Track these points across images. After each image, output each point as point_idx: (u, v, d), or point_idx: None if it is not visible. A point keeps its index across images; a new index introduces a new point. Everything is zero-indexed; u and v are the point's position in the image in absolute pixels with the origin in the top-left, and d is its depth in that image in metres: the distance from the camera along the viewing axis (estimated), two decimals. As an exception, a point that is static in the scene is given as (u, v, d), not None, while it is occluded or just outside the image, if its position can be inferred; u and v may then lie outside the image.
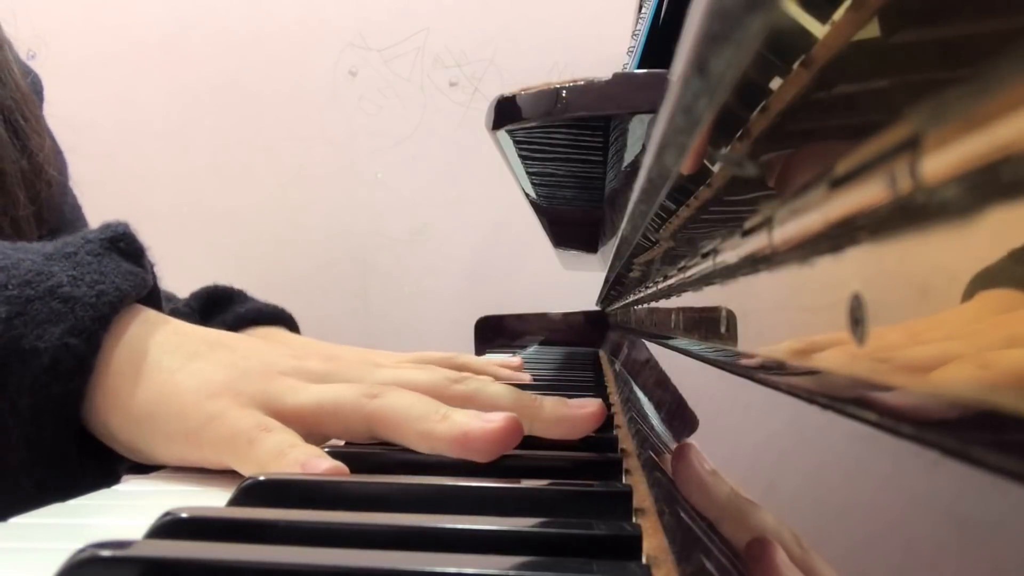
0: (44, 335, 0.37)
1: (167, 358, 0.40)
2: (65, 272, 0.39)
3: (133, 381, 0.39)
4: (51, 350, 0.37)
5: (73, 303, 0.38)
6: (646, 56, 0.59)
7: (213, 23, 1.73)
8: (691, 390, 0.40)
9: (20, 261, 0.39)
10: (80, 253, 0.40)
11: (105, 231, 0.42)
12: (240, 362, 0.40)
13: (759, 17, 0.15)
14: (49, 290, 0.38)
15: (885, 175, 0.14)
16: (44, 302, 0.37)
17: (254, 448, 0.36)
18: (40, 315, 0.37)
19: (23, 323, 0.37)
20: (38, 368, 0.37)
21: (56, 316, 0.37)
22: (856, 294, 0.15)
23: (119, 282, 0.40)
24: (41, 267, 0.39)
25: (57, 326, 0.37)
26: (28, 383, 0.36)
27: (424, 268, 1.70)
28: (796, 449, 0.21)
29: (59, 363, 0.37)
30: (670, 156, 0.27)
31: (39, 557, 0.26)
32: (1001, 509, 0.11)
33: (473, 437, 0.35)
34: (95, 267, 0.40)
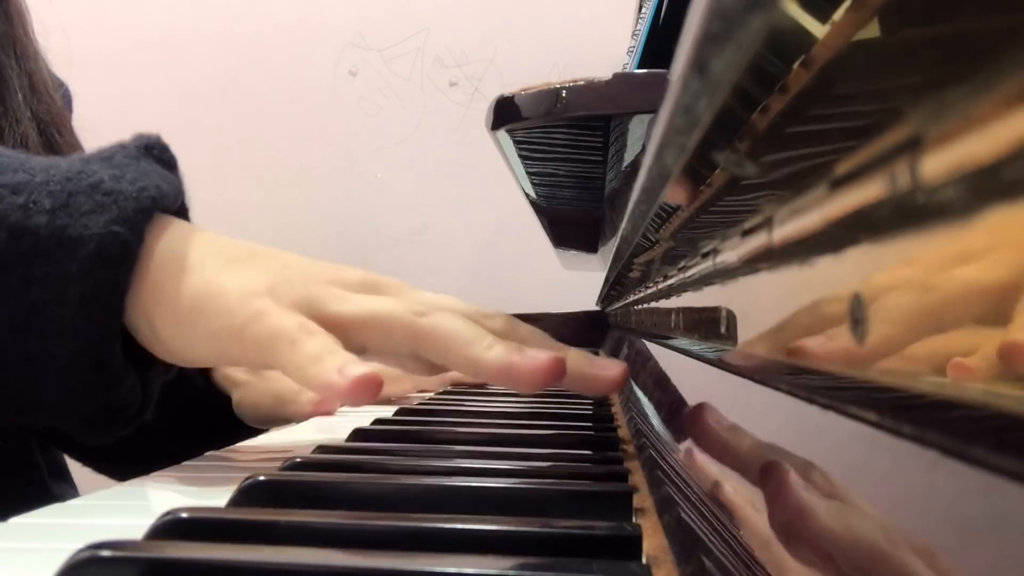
0: (90, 224, 0.37)
1: (210, 259, 0.40)
2: (105, 170, 0.39)
3: (177, 277, 0.39)
4: (96, 237, 0.37)
5: (116, 195, 0.38)
6: (646, 56, 0.59)
7: (213, 23, 1.73)
8: (691, 390, 0.40)
9: (58, 163, 0.39)
10: (117, 156, 0.40)
11: (140, 140, 0.43)
12: (282, 269, 0.41)
13: (759, 17, 0.15)
14: (91, 185, 0.38)
15: (885, 175, 0.14)
16: (87, 195, 0.37)
17: (295, 349, 0.36)
18: (84, 206, 0.37)
19: (67, 214, 0.37)
20: (84, 256, 0.37)
21: (100, 207, 0.37)
22: (856, 294, 0.15)
23: (159, 181, 0.40)
24: (81, 167, 0.39)
25: (102, 216, 0.37)
26: (75, 271, 0.37)
27: (424, 268, 1.70)
28: (796, 449, 0.21)
29: (105, 249, 0.37)
30: (670, 156, 0.27)
31: (39, 557, 0.26)
32: (1001, 509, 0.11)
33: (518, 369, 0.36)
34: (134, 167, 0.40)
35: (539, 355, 0.37)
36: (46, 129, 0.63)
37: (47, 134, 0.63)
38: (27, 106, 0.62)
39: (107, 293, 0.37)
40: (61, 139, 0.64)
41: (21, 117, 0.61)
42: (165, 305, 0.39)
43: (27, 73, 0.63)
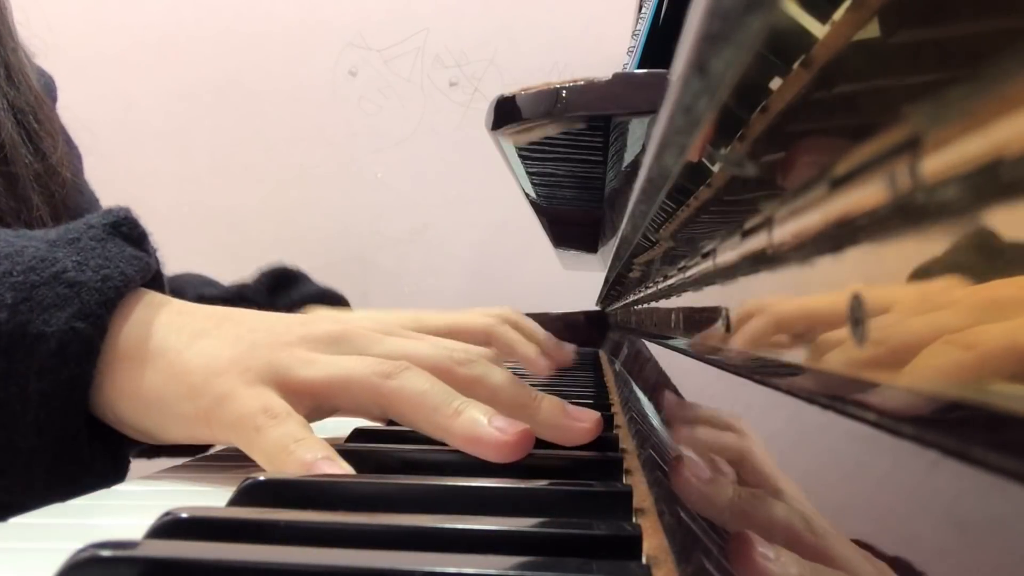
0: (51, 320, 0.37)
1: (173, 338, 0.40)
2: (69, 258, 0.39)
3: (141, 364, 0.39)
4: (58, 334, 0.36)
5: (79, 288, 0.38)
6: (646, 56, 0.58)
7: (213, 23, 1.73)
8: (691, 390, 0.40)
9: (24, 248, 0.39)
10: (83, 239, 0.40)
11: (107, 216, 0.42)
12: (246, 335, 0.40)
13: (759, 17, 0.15)
14: (54, 275, 0.37)
15: (885, 175, 0.14)
16: (50, 287, 0.37)
17: (260, 436, 0.36)
18: (46, 300, 0.37)
19: (29, 308, 0.37)
20: (45, 352, 0.36)
21: (62, 301, 0.37)
22: (856, 294, 0.15)
23: (124, 267, 0.40)
24: (45, 253, 0.38)
25: (63, 311, 0.37)
26: (36, 368, 0.36)
27: (424, 268, 1.70)
28: (796, 449, 0.21)
29: (66, 347, 0.37)
30: (670, 156, 0.27)
31: (39, 557, 0.26)
32: (1001, 509, 0.11)
33: (485, 442, 0.36)
34: (99, 252, 0.40)
35: (507, 428, 0.35)
36: (23, 118, 0.62)
37: (24, 123, 0.62)
38: (3, 96, 0.62)
39: (69, 390, 0.37)
40: (40, 127, 0.63)
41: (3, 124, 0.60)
42: (129, 394, 0.39)
43: (4, 64, 0.63)
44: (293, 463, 0.34)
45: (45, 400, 0.37)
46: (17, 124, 0.61)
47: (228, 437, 0.38)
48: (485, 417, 0.36)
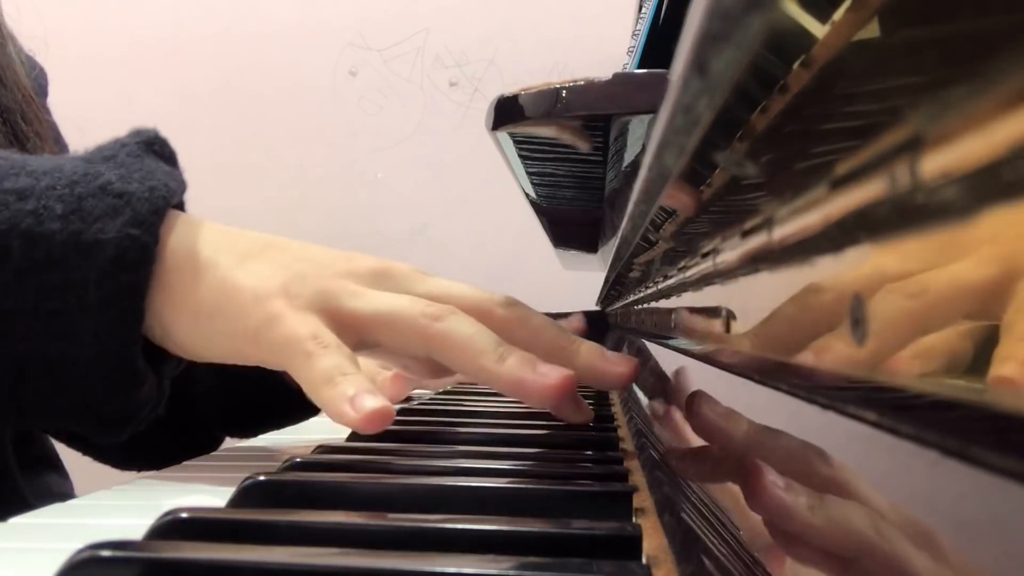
0: (106, 228, 0.36)
1: (223, 255, 0.40)
2: (112, 171, 0.38)
3: (192, 277, 0.39)
4: (115, 240, 0.36)
5: (128, 197, 0.37)
6: (646, 56, 0.58)
7: (213, 23, 1.73)
8: (691, 390, 0.40)
9: (61, 165, 0.38)
10: (120, 155, 0.40)
11: (139, 135, 0.42)
12: (293, 263, 0.40)
13: (759, 17, 0.15)
14: (100, 187, 0.37)
15: (885, 175, 0.14)
16: (98, 198, 0.37)
17: (309, 364, 0.36)
18: (97, 210, 0.36)
19: (80, 219, 0.36)
20: (103, 260, 0.36)
21: (113, 210, 0.37)
22: (856, 294, 0.15)
23: (166, 179, 0.39)
24: (86, 168, 0.38)
25: (115, 219, 0.36)
26: (94, 275, 0.36)
27: (424, 268, 1.70)
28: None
29: (124, 253, 0.36)
30: (670, 156, 0.27)
31: (39, 557, 0.26)
32: (1001, 509, 0.11)
33: (529, 385, 0.36)
34: (139, 166, 0.39)
35: (551, 373, 0.36)
36: (10, 117, 0.61)
37: (11, 123, 0.61)
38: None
39: (129, 297, 0.37)
40: (28, 128, 0.63)
41: None
42: (180, 306, 0.38)
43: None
44: (337, 395, 0.35)
45: (105, 307, 0.36)
46: (3, 123, 0.60)
47: (275, 358, 0.38)
48: (529, 363, 0.37)
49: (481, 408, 0.57)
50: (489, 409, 0.57)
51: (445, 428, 0.48)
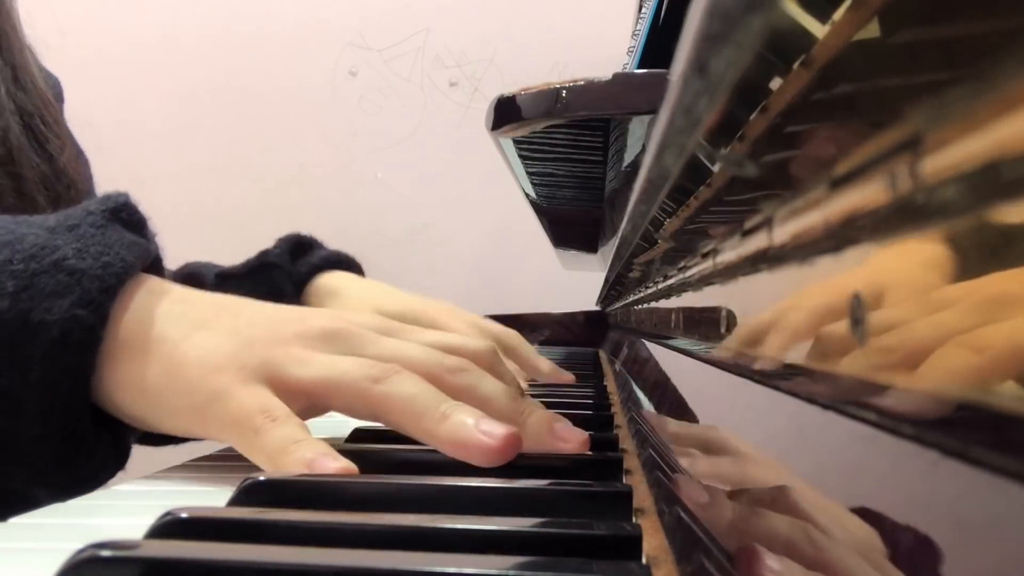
0: (52, 308, 0.36)
1: (172, 328, 0.40)
2: (69, 245, 0.38)
3: (141, 353, 0.39)
4: (60, 322, 0.36)
5: (80, 275, 0.37)
6: (646, 56, 0.59)
7: (213, 23, 1.73)
8: (691, 390, 0.40)
9: (24, 236, 0.38)
10: (83, 225, 0.40)
11: (106, 202, 0.42)
12: (244, 329, 0.40)
13: (759, 17, 0.15)
14: (55, 263, 0.37)
15: (885, 175, 0.14)
16: (50, 275, 0.37)
17: (260, 438, 0.36)
18: (47, 288, 0.37)
19: (30, 296, 0.36)
20: (47, 341, 0.36)
21: (63, 288, 0.37)
22: (856, 294, 0.15)
23: (124, 253, 0.39)
24: (45, 240, 0.38)
25: (65, 298, 0.37)
26: (39, 356, 0.36)
27: (424, 268, 1.70)
28: (796, 449, 0.21)
29: (68, 335, 0.36)
30: (670, 156, 0.27)
31: (39, 557, 0.26)
32: (1001, 509, 0.11)
33: (471, 446, 0.35)
34: (99, 239, 0.39)
35: (494, 431, 0.35)
36: (30, 120, 0.62)
37: (31, 126, 0.62)
38: (10, 98, 0.61)
39: (72, 378, 0.37)
40: (47, 130, 0.63)
41: (2, 109, 0.60)
42: (128, 384, 0.39)
43: (11, 66, 0.63)
44: (294, 463, 0.34)
45: (48, 389, 0.36)
46: (24, 126, 0.61)
47: (224, 436, 0.38)
48: (472, 420, 0.36)
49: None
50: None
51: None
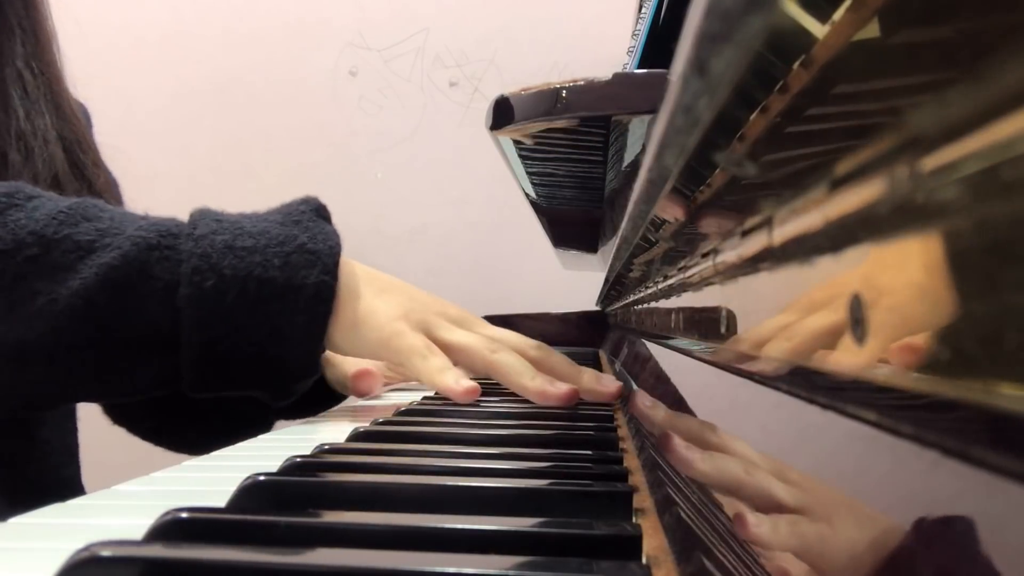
0: (308, 276, 0.55)
1: (365, 288, 0.60)
2: (303, 234, 0.56)
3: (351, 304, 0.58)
4: (314, 284, 0.55)
5: (319, 254, 0.56)
6: (646, 56, 0.58)
7: (213, 23, 1.73)
8: (691, 390, 0.40)
9: (267, 229, 0.56)
10: (304, 220, 0.58)
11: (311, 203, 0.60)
12: (408, 301, 0.61)
13: (759, 17, 0.15)
14: (299, 247, 0.55)
15: (884, 175, 0.14)
16: (299, 255, 0.55)
17: (426, 362, 0.58)
18: (300, 263, 0.55)
19: (291, 269, 0.55)
20: (307, 297, 0.55)
21: (310, 263, 0.55)
22: (856, 294, 0.15)
23: (334, 238, 0.58)
24: (287, 232, 0.56)
25: (312, 269, 0.55)
26: (302, 306, 0.55)
27: (424, 268, 1.70)
28: (796, 449, 0.21)
29: (320, 292, 0.55)
30: (670, 156, 0.27)
31: (39, 557, 0.26)
32: (1001, 509, 0.11)
33: (548, 395, 0.56)
34: (318, 229, 0.58)
35: (562, 387, 0.56)
36: (70, 147, 0.72)
37: (71, 152, 0.72)
38: (53, 128, 0.71)
39: (323, 318, 0.56)
40: (84, 157, 0.73)
41: (49, 138, 0.70)
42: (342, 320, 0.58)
43: (53, 95, 0.73)
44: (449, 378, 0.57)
45: (308, 324, 0.55)
46: (65, 153, 0.71)
47: (398, 358, 0.59)
48: (549, 381, 0.57)
49: (481, 408, 0.57)
50: (489, 409, 0.57)
51: (445, 428, 0.48)
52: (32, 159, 0.69)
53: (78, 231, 0.51)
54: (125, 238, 0.51)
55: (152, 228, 0.53)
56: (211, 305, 0.52)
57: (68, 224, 0.51)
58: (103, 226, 0.52)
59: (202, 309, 0.52)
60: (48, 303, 0.49)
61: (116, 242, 0.51)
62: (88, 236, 0.51)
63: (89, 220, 0.51)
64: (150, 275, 0.51)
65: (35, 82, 0.72)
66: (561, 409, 0.56)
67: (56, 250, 0.50)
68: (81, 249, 0.50)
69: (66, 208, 0.51)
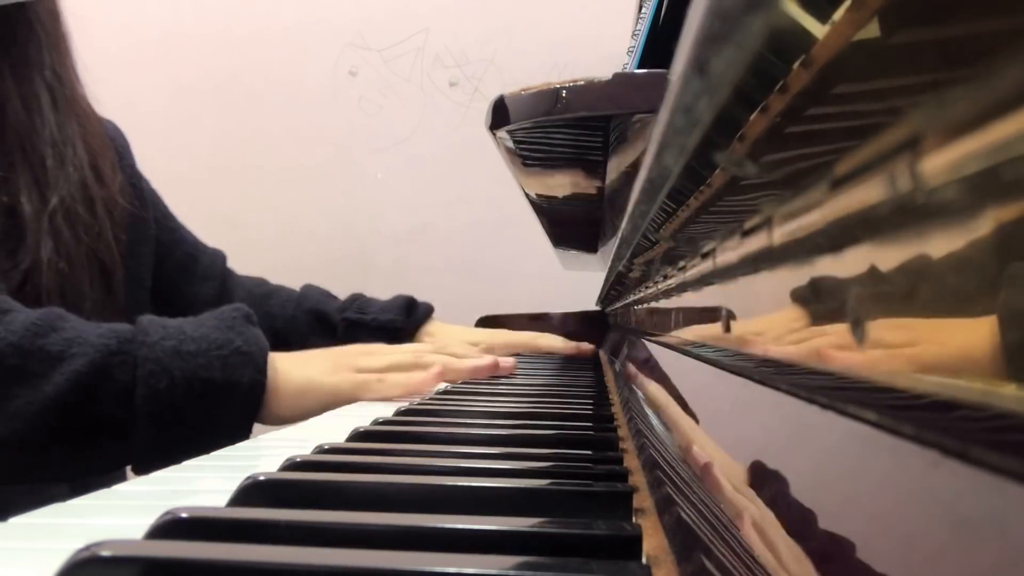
0: (243, 375, 0.64)
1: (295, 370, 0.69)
2: (239, 337, 0.66)
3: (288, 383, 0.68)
4: (247, 384, 0.64)
5: (251, 356, 0.65)
6: (646, 56, 0.59)
7: (213, 23, 1.73)
8: (691, 390, 0.40)
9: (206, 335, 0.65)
10: (236, 326, 0.67)
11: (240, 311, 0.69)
12: (332, 357, 0.74)
13: (759, 17, 0.15)
14: (235, 350, 0.65)
15: (884, 175, 0.14)
16: (235, 356, 0.64)
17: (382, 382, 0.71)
18: (236, 364, 0.64)
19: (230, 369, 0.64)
20: (241, 392, 0.64)
21: (244, 364, 0.65)
22: (856, 294, 0.15)
23: (262, 341, 0.68)
24: (223, 336, 0.65)
25: (246, 369, 0.65)
26: (239, 401, 0.64)
27: (424, 268, 1.70)
28: (796, 449, 0.21)
29: (252, 388, 0.65)
30: (670, 156, 0.27)
31: (39, 557, 0.26)
32: (1001, 509, 0.11)
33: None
34: (250, 332, 0.67)
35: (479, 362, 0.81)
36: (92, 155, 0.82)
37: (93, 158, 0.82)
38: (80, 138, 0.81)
39: (255, 409, 0.65)
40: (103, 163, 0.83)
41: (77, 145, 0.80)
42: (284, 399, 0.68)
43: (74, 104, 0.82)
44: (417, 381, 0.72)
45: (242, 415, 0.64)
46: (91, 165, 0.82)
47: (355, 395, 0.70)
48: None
49: (481, 408, 0.57)
50: (489, 409, 0.57)
51: (445, 428, 0.48)
52: (65, 165, 0.78)
53: (48, 342, 0.60)
54: (89, 345, 0.60)
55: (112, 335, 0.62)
56: (163, 402, 0.61)
57: (40, 336, 0.60)
58: (69, 335, 0.61)
59: (157, 405, 0.61)
60: (25, 404, 0.58)
61: (82, 350, 0.60)
62: (57, 346, 0.60)
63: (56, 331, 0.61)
64: (111, 376, 0.60)
65: (61, 90, 0.80)
66: (561, 409, 0.56)
67: (32, 360, 0.59)
68: (52, 358, 0.59)
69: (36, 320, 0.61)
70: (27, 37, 0.79)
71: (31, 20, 0.80)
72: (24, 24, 0.79)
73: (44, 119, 0.78)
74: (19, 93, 0.78)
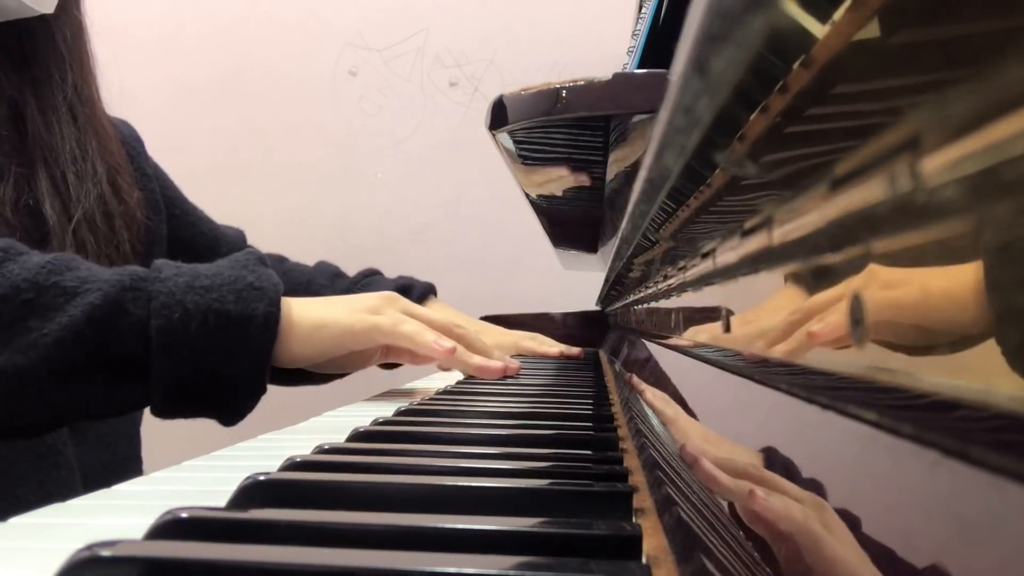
0: (257, 308, 0.64)
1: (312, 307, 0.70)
2: (251, 275, 0.66)
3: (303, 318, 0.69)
4: (262, 315, 0.64)
5: (264, 290, 0.65)
6: (646, 56, 0.59)
7: (213, 23, 1.73)
8: (691, 390, 0.40)
9: (219, 272, 0.65)
10: (249, 265, 0.67)
11: (254, 253, 0.69)
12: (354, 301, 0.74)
13: (759, 17, 0.15)
14: (248, 284, 0.65)
15: (885, 175, 0.14)
16: (248, 291, 0.64)
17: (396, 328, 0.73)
18: (249, 297, 0.64)
19: (243, 302, 0.64)
20: (257, 324, 0.64)
21: (256, 298, 0.64)
22: (856, 294, 0.15)
23: (276, 279, 0.67)
24: (236, 273, 0.65)
25: (260, 303, 0.64)
26: (254, 332, 0.64)
27: (424, 268, 1.70)
28: (796, 449, 0.21)
29: (267, 320, 0.64)
30: (670, 156, 0.27)
31: (39, 557, 0.26)
32: (1001, 509, 0.11)
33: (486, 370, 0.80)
34: (262, 271, 0.67)
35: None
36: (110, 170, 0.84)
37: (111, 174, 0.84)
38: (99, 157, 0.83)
39: (270, 342, 0.65)
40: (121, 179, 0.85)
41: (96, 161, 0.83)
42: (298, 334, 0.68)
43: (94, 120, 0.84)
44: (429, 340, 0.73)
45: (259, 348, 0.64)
46: (107, 174, 0.84)
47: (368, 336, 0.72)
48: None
49: (481, 408, 0.57)
50: (489, 409, 0.57)
51: (445, 428, 0.48)
52: (85, 181, 0.81)
53: (64, 279, 0.60)
54: (104, 282, 0.61)
55: (125, 274, 0.62)
56: (177, 334, 0.62)
57: (55, 273, 0.60)
58: (83, 275, 0.61)
59: (170, 337, 0.61)
60: (40, 336, 0.58)
61: (96, 286, 0.60)
62: (72, 283, 0.60)
63: (71, 270, 0.61)
64: (126, 311, 0.61)
65: (82, 108, 0.83)
66: (561, 409, 0.56)
67: (47, 295, 0.60)
68: (67, 293, 0.60)
69: (51, 260, 0.61)
70: (49, 53, 0.82)
71: (54, 35, 0.82)
72: (47, 39, 0.82)
73: (64, 135, 0.81)
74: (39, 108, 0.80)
